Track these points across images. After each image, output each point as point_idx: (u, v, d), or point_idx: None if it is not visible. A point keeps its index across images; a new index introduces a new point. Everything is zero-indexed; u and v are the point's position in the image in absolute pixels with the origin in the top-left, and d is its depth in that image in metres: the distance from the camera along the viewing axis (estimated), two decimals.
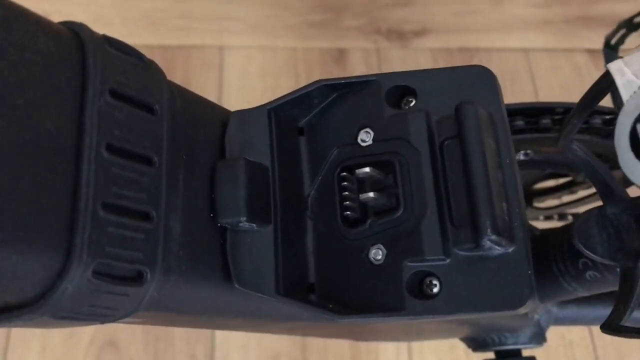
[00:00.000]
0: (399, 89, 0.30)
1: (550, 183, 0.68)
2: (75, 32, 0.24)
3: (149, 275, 0.24)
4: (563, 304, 0.54)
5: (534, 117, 0.50)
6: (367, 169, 0.29)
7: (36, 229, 0.20)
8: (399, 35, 1.13)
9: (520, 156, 0.54)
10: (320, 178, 0.31)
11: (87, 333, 0.89)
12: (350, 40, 1.12)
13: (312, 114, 0.32)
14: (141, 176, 0.24)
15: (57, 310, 0.22)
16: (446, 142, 0.29)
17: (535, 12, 1.18)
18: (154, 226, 0.24)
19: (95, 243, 0.22)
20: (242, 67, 1.07)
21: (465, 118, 0.28)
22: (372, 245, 0.29)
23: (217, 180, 0.28)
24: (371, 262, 0.29)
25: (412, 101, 0.30)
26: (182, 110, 0.28)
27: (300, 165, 0.31)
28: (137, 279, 0.24)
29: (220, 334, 0.91)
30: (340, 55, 1.11)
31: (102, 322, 0.25)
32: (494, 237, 0.26)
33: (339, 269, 0.30)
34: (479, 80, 0.29)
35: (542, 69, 1.13)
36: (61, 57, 0.22)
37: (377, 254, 0.29)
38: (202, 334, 0.90)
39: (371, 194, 0.28)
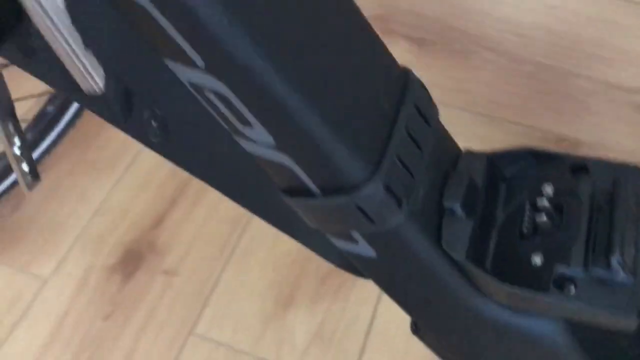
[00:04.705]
0: (579, 166, 0.46)
1: None
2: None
3: (405, 204, 0.40)
4: None
5: None
6: (546, 203, 0.44)
7: (366, 141, 0.39)
8: None
9: None
10: (510, 209, 0.47)
11: None
12: None
13: (513, 169, 0.48)
14: (419, 157, 0.42)
15: (360, 201, 0.39)
16: (603, 203, 0.43)
17: None
18: (414, 182, 0.41)
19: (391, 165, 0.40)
20: None
21: (620, 189, 0.43)
22: (535, 253, 0.44)
23: (450, 180, 0.45)
24: (532, 264, 0.43)
25: (586, 174, 0.46)
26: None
27: (498, 198, 0.47)
28: (399, 202, 0.40)
29: None
30: None
31: (359, 230, 0.42)
32: (620, 266, 0.40)
33: (508, 265, 0.45)
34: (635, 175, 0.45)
35: None
36: None
37: (537, 259, 0.43)
38: None
39: (544, 217, 0.44)
